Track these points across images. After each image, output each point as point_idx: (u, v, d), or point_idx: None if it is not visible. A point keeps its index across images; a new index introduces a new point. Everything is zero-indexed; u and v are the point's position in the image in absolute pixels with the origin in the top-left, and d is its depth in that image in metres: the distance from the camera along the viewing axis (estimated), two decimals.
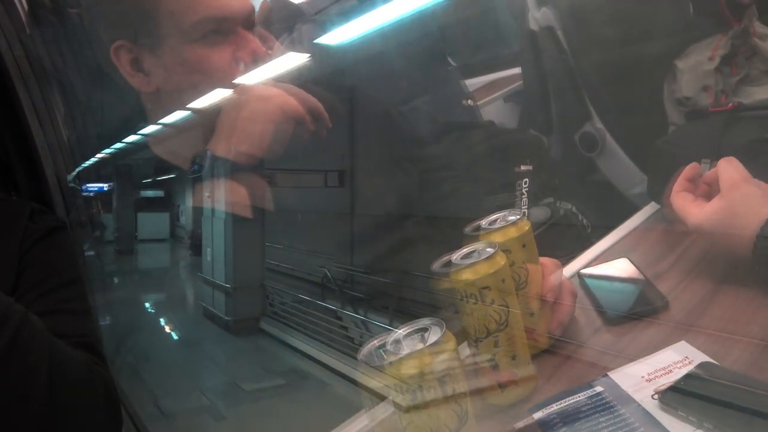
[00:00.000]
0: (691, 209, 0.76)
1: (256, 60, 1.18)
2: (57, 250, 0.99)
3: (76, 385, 0.78)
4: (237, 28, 1.17)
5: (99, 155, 2.74)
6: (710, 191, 0.77)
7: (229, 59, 1.16)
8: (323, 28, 1.40)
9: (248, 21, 1.19)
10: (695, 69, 1.12)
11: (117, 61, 1.20)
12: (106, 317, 2.35)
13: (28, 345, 0.72)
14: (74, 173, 1.81)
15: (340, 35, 1.47)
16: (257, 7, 1.30)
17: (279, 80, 1.23)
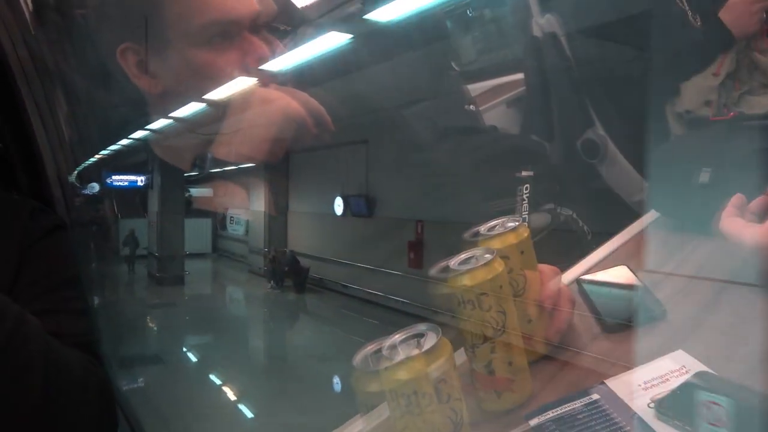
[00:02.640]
0: (746, 230, 0.74)
1: (262, 65, 1.18)
2: (57, 249, 0.99)
3: (71, 385, 0.78)
4: (243, 32, 1.17)
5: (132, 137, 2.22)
6: (756, 219, 0.75)
7: (236, 64, 1.16)
8: (325, 31, 1.40)
9: (255, 25, 1.20)
10: (698, 84, 1.12)
11: (123, 62, 1.21)
12: None
13: (23, 344, 0.72)
14: (78, 170, 1.79)
15: (342, 38, 1.47)
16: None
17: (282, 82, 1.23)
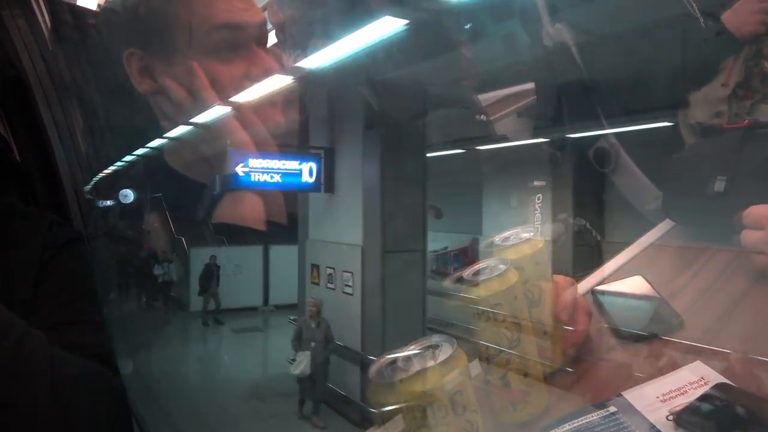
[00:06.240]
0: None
1: (267, 77, 1.20)
2: (74, 261, 1.00)
3: (80, 394, 0.78)
4: (251, 44, 1.19)
5: None
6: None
7: (241, 75, 1.18)
8: (332, 41, 1.41)
9: (261, 36, 1.22)
10: (707, 96, 1.11)
11: (128, 67, 1.25)
12: None
13: (30, 356, 0.73)
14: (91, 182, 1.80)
15: (349, 49, 1.48)
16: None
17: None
